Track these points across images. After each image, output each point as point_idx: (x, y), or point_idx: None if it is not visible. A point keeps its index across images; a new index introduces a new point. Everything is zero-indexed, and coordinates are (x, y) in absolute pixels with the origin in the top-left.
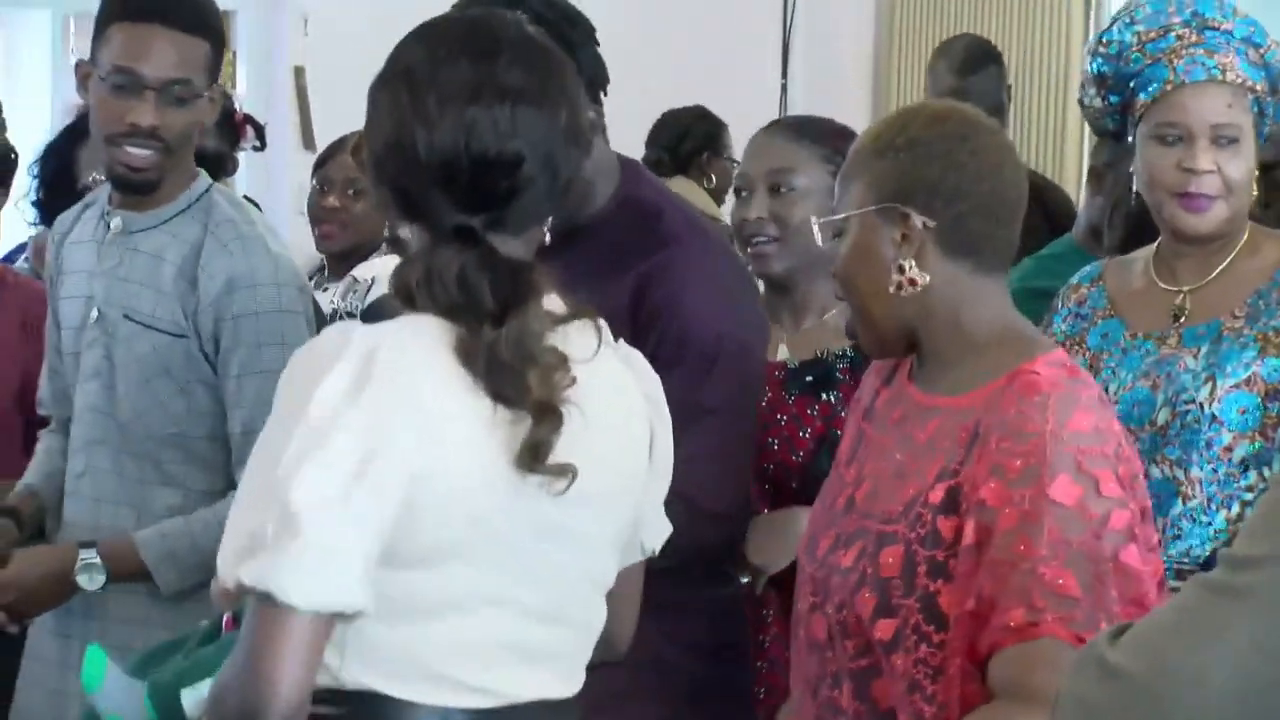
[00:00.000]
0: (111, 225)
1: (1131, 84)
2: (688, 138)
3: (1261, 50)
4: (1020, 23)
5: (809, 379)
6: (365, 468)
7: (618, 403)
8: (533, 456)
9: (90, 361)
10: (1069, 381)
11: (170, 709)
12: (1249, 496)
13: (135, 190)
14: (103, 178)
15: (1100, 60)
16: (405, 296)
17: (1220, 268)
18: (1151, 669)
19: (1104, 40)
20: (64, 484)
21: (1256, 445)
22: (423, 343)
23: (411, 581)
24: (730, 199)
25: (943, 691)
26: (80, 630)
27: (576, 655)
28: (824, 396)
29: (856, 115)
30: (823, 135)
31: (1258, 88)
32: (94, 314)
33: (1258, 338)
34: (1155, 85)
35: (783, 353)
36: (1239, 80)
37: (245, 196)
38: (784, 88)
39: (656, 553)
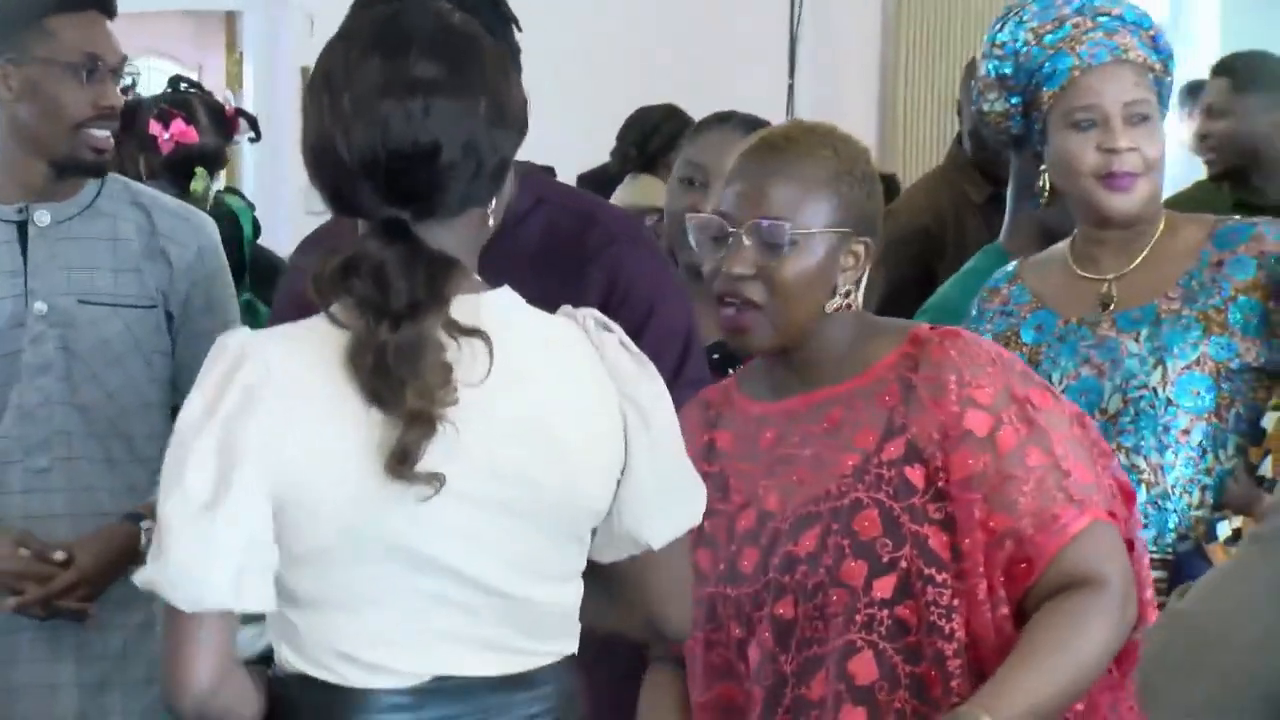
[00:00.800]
0: (35, 220)
1: (1034, 79)
2: (655, 135)
3: (1151, 31)
4: None
5: (715, 356)
6: (226, 479)
7: (579, 405)
8: (399, 462)
9: (38, 356)
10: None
11: None
12: (1208, 480)
13: (96, 172)
14: None
15: (997, 62)
16: (318, 288)
17: (1144, 253)
18: (1200, 609)
19: (997, 42)
20: None
21: (1213, 426)
22: (295, 354)
23: (306, 577)
24: None
25: (962, 626)
26: (67, 622)
27: (527, 637)
28: (728, 373)
29: (863, 114)
30: None
31: (1156, 66)
32: (38, 308)
33: (1199, 317)
34: (1061, 74)
35: None
36: (1141, 59)
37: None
38: (791, 89)
39: (657, 547)
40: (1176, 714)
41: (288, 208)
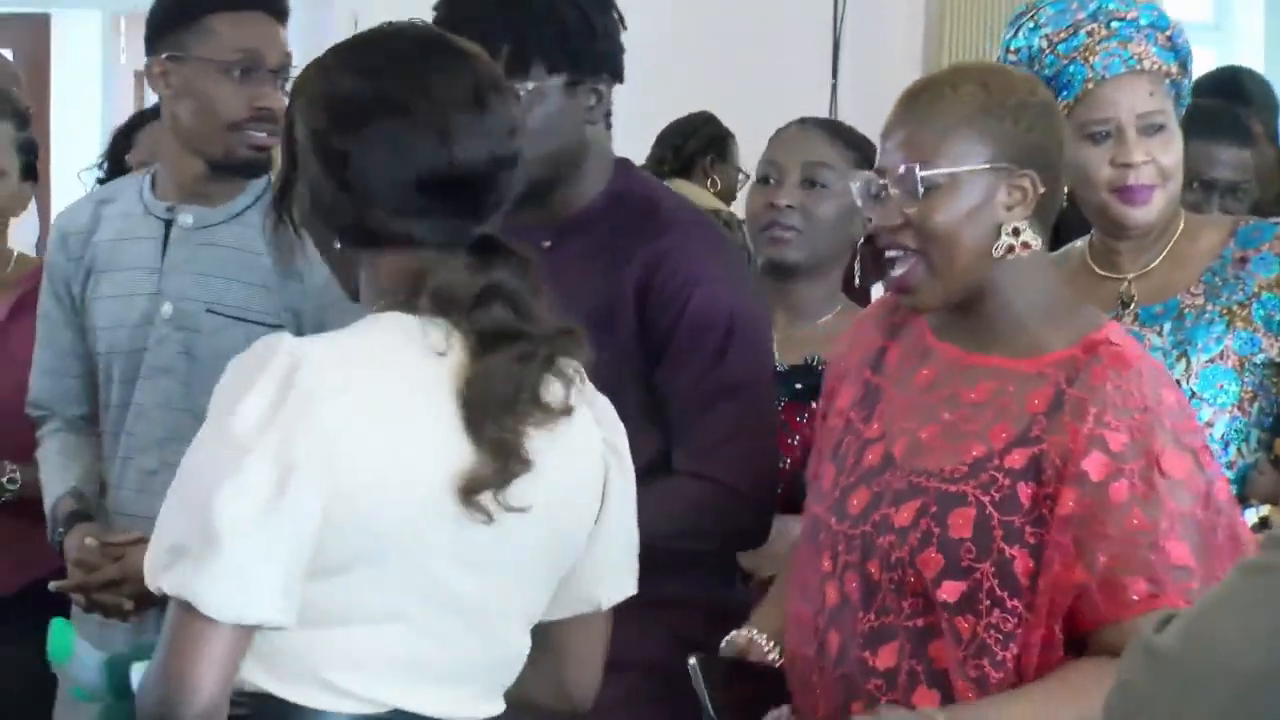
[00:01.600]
0: (179, 221)
1: (1050, 84)
2: (691, 139)
3: (1168, 33)
4: None
5: (798, 386)
6: (283, 487)
7: (574, 446)
8: (475, 490)
9: (160, 358)
10: (1146, 353)
11: (122, 682)
12: (1230, 474)
13: (253, 173)
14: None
15: (1012, 67)
16: (440, 302)
17: (1163, 254)
18: (1188, 648)
19: (1012, 49)
20: (109, 479)
21: (1236, 419)
22: (351, 359)
23: (315, 590)
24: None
25: (1014, 658)
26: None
27: (490, 680)
28: (813, 404)
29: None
30: (854, 141)
31: (1172, 71)
32: (165, 310)
33: (1222, 312)
34: (1076, 84)
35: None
36: (1156, 67)
37: None
38: (834, 87)
39: (605, 607)
40: None
41: None
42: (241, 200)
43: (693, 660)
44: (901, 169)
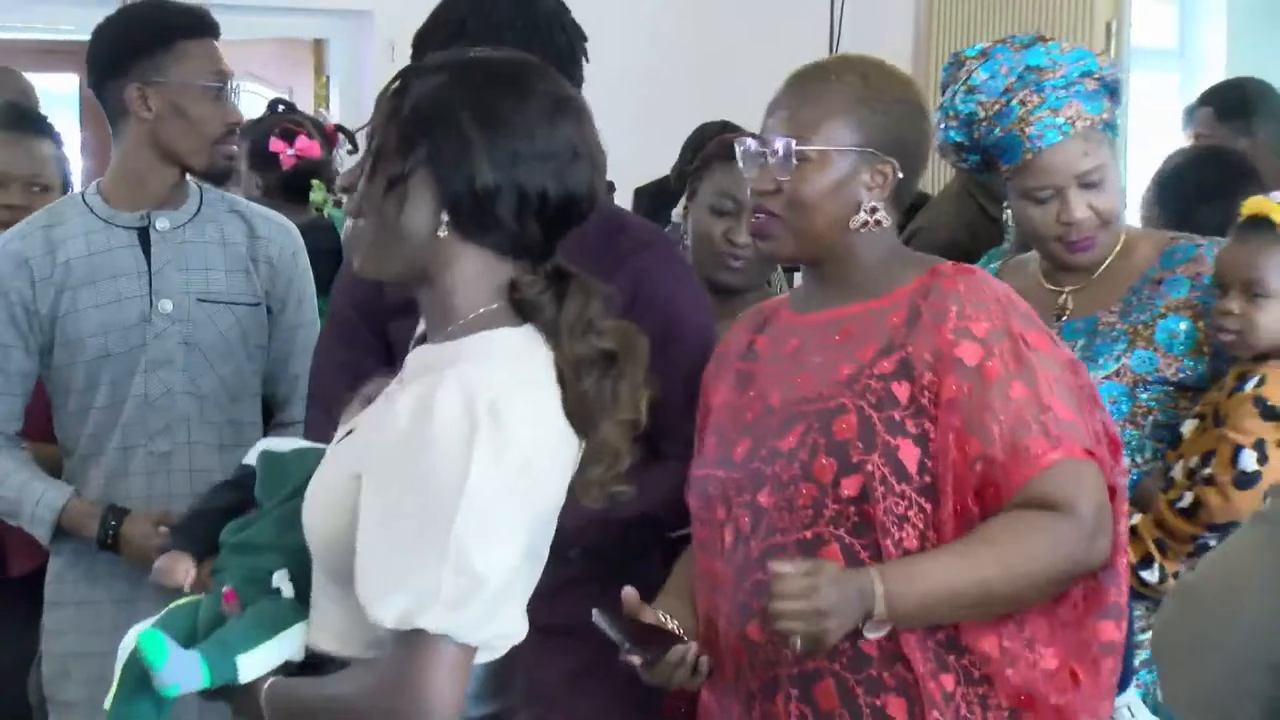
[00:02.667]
0: (156, 226)
1: (990, 153)
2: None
3: (1095, 75)
4: None
5: None
6: (522, 522)
7: None
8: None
9: (161, 351)
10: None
11: (224, 673)
12: (1122, 480)
13: (224, 180)
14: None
15: (952, 131)
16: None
17: (1100, 269)
18: (1207, 586)
19: (951, 114)
20: (91, 472)
21: (1127, 433)
22: (523, 379)
23: None
24: None
25: (916, 537)
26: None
27: None
28: None
29: None
30: None
31: (1104, 115)
32: (164, 306)
33: (1128, 331)
34: (1015, 155)
35: None
36: (1088, 123)
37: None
38: None
39: None
40: (1181, 687)
41: None
42: (192, 204)
43: (595, 611)
44: (779, 142)
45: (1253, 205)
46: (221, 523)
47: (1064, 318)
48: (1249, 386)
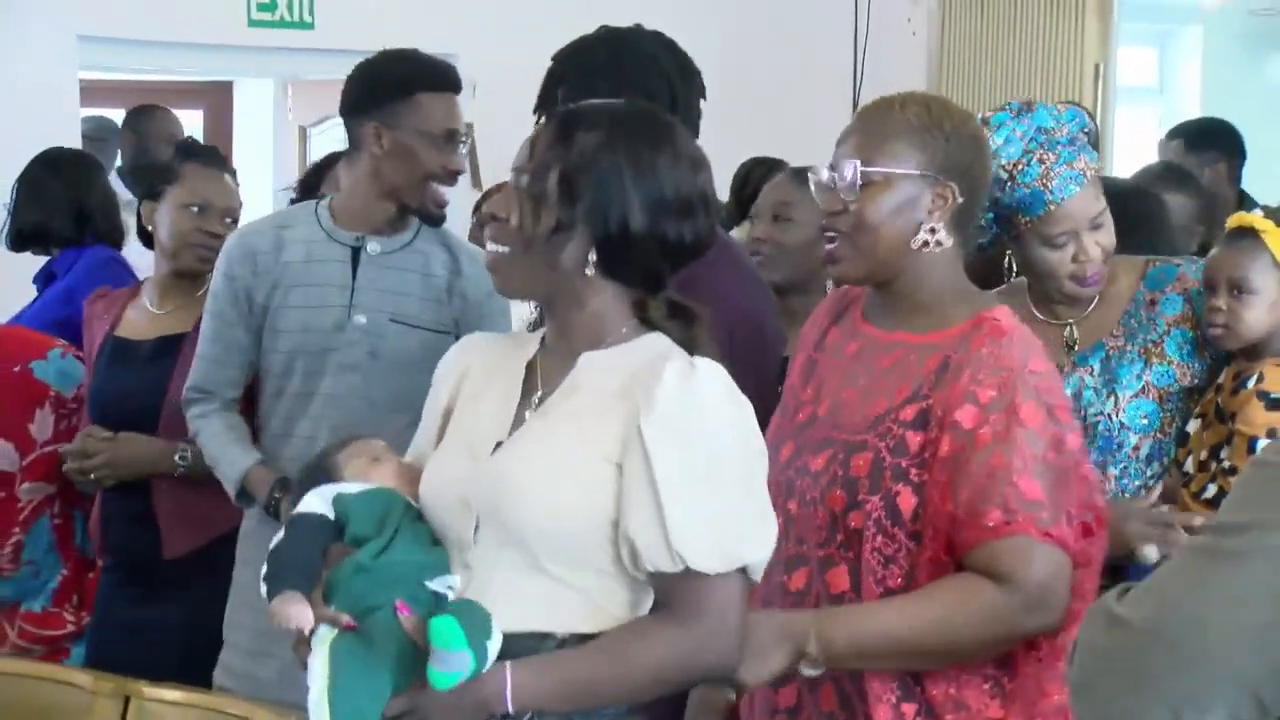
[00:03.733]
0: (367, 249)
1: (1012, 208)
2: (745, 185)
3: (1087, 129)
4: (1042, 89)
5: None
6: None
7: None
8: None
9: (349, 358)
10: (1024, 327)
11: (481, 661)
12: (1153, 483)
13: (439, 221)
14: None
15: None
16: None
17: (1094, 300)
18: (1154, 616)
19: None
20: (276, 452)
21: (1158, 441)
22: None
23: None
24: None
25: (903, 577)
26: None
27: None
28: None
29: None
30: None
31: (1096, 163)
32: (359, 319)
33: (1140, 351)
34: (1039, 206)
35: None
36: (1093, 171)
37: None
38: None
39: None
40: (1102, 707)
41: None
42: (407, 234)
43: None
44: (847, 165)
45: (1237, 219)
46: (317, 564)
47: (1075, 349)
48: (1251, 383)
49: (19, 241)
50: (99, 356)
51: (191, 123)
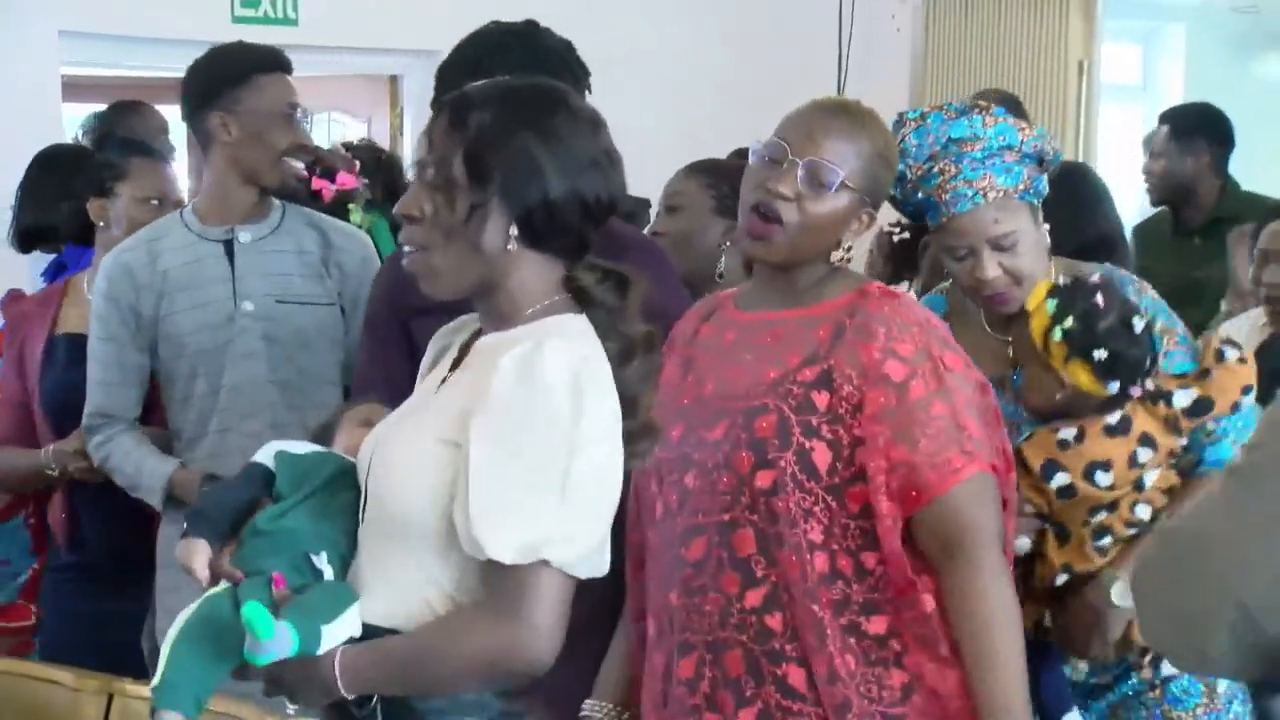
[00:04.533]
0: (239, 238)
1: (916, 209)
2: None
3: (1017, 149)
4: (1026, 87)
5: None
6: (616, 465)
7: None
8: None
9: (245, 346)
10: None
11: (310, 643)
12: (1013, 494)
13: (302, 194)
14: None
15: (893, 187)
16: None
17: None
18: (1184, 527)
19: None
20: (196, 453)
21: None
22: (599, 354)
23: None
24: None
25: (820, 531)
26: None
27: None
28: None
29: None
30: (715, 169)
31: (1021, 185)
32: (246, 306)
33: None
34: (934, 216)
35: None
36: (1000, 193)
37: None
38: None
39: None
40: (1160, 615)
41: None
42: (274, 218)
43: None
44: (824, 162)
45: None
46: (238, 515)
47: (1017, 369)
48: (1068, 434)
49: (25, 242)
50: (48, 356)
51: (175, 119)
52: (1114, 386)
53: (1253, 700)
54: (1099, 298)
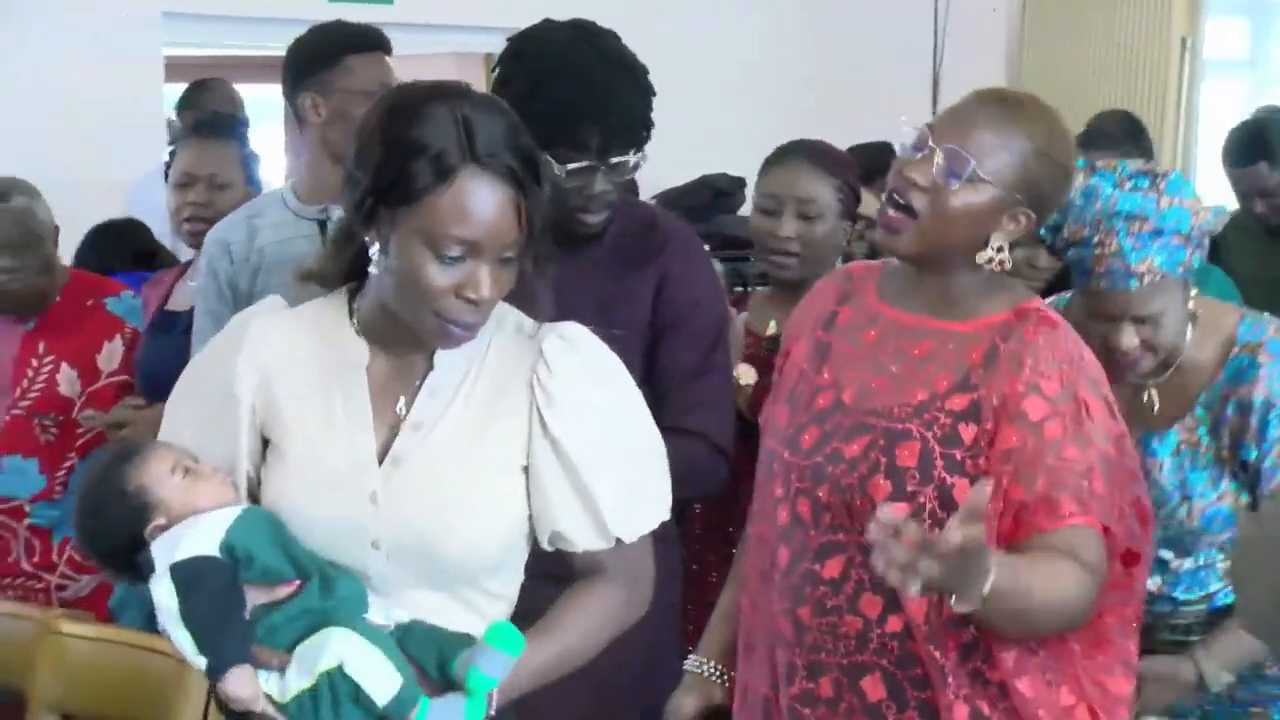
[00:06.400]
0: (333, 217)
1: (1067, 259)
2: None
3: (1187, 234)
4: (1126, 64)
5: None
6: None
7: None
8: None
9: None
10: (1065, 320)
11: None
12: (1148, 549)
13: None
14: None
15: (1044, 230)
16: None
17: (1174, 368)
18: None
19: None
20: None
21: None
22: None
23: None
24: None
25: None
26: None
27: None
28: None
29: None
30: (837, 167)
31: (1181, 267)
32: None
33: (1216, 458)
34: (1083, 279)
35: (772, 328)
36: (1156, 279)
37: None
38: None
39: None
40: (1257, 592)
41: None
42: None
43: None
44: (958, 150)
45: None
46: (249, 620)
47: (1151, 414)
48: None
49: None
50: (150, 330)
51: (271, 98)
52: None
53: None
54: None
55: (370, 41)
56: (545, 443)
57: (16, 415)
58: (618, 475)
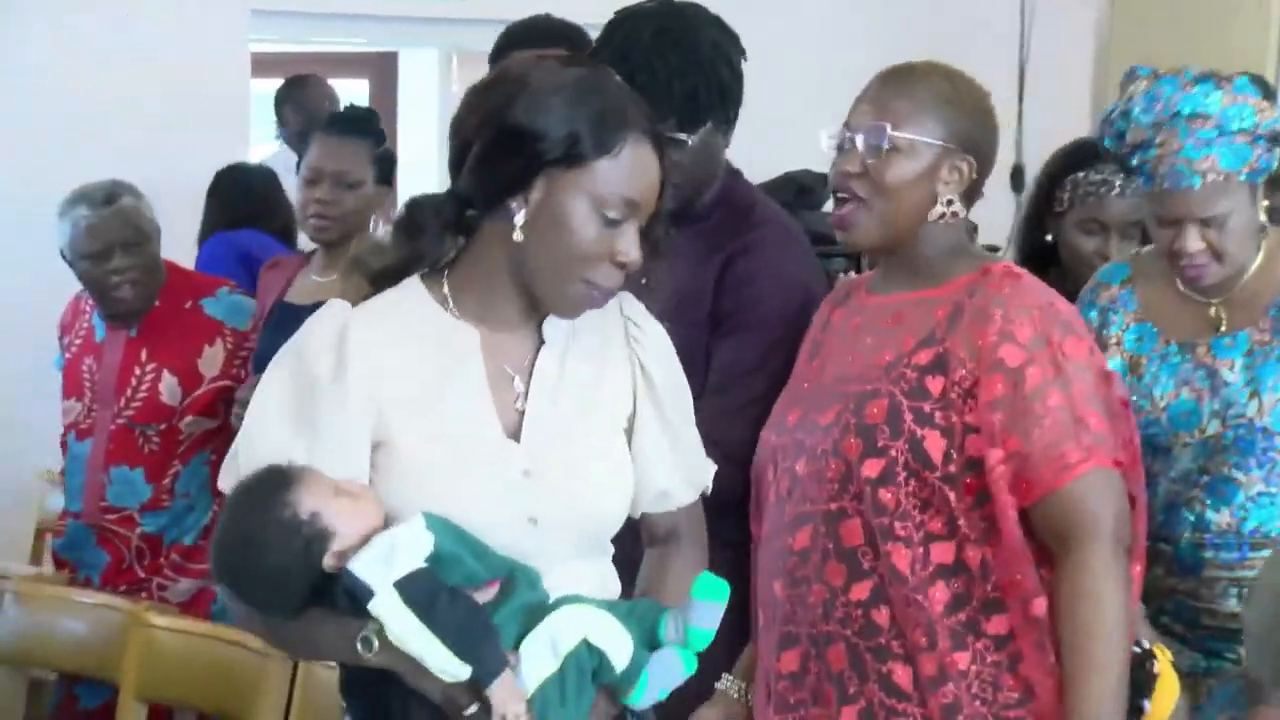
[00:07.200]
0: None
1: (1131, 167)
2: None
3: (1251, 131)
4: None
5: None
6: None
7: None
8: None
9: None
10: (1031, 274)
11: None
12: (1142, 492)
13: None
14: None
15: (1108, 139)
16: None
17: (1242, 281)
18: None
19: (1107, 123)
20: None
21: None
22: None
23: None
24: None
25: (942, 521)
26: None
27: None
28: None
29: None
30: None
31: (1244, 169)
32: None
33: None
34: (1147, 182)
35: None
36: (1220, 178)
37: None
38: (1020, 114)
39: None
40: (1257, 653)
41: None
42: None
43: None
44: (872, 125)
45: None
46: (488, 623)
47: (1219, 330)
48: None
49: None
50: (266, 321)
51: (357, 93)
52: None
53: None
54: None
55: (568, 37)
56: (648, 397)
57: (121, 425)
58: (691, 428)
